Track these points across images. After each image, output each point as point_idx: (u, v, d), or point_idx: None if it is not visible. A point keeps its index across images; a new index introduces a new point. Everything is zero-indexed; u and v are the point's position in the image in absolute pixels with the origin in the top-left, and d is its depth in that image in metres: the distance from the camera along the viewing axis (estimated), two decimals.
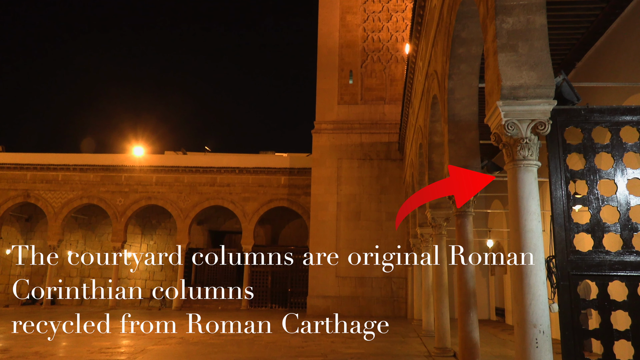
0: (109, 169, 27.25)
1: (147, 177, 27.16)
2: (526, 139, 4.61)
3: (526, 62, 4.71)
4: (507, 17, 4.81)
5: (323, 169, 23.34)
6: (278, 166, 26.75)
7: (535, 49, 4.74)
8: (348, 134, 23.44)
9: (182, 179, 27.02)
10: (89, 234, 30.52)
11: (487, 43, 5.12)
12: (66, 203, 27.06)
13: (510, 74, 4.68)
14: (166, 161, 27.70)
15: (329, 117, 23.76)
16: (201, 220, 30.60)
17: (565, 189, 4.71)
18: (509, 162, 4.74)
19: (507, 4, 4.81)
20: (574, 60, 11.12)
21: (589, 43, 10.50)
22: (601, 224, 4.66)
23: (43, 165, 27.34)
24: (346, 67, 23.96)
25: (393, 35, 23.96)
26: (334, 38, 24.12)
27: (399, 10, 24.05)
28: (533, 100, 4.60)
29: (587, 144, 4.83)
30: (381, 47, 23.93)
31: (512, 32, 4.79)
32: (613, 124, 4.82)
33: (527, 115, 4.62)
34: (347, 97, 23.79)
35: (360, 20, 24.14)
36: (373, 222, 22.82)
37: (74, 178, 27.31)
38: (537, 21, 4.78)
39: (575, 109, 4.83)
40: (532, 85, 4.62)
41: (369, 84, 23.81)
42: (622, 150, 4.79)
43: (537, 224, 4.53)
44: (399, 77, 23.68)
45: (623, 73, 9.37)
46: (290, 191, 26.51)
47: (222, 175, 26.89)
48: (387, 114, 23.53)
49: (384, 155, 23.23)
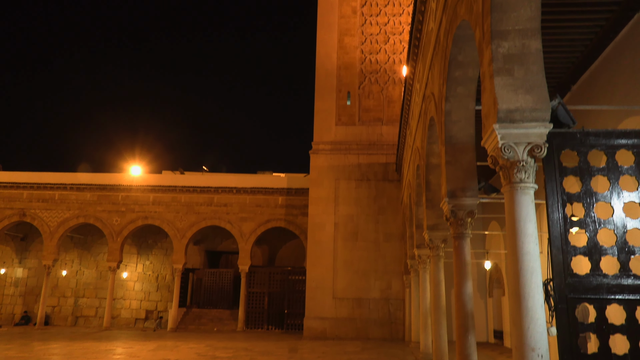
0: (106, 188, 27.20)
1: (144, 196, 27.11)
2: (523, 161, 4.63)
3: (522, 86, 4.76)
4: (502, 42, 4.87)
5: (321, 189, 23.35)
6: (275, 186, 26.76)
7: (531, 72, 4.80)
8: (346, 154, 23.52)
9: (179, 199, 26.97)
10: (85, 254, 30.31)
11: (484, 67, 5.18)
12: (62, 222, 26.93)
13: (507, 97, 4.73)
14: (163, 181, 27.68)
15: (326, 138, 23.87)
16: (198, 240, 30.45)
17: (562, 212, 4.72)
18: (505, 184, 4.75)
19: (502, 29, 4.89)
20: (570, 83, 11.25)
21: (583, 66, 10.64)
22: (598, 247, 4.66)
23: (40, 184, 27.29)
24: (344, 88, 24.17)
25: (390, 57, 24.23)
26: (332, 59, 24.38)
27: (397, 33, 24.38)
28: (529, 124, 4.64)
29: (583, 167, 4.85)
30: (379, 69, 24.18)
31: (508, 56, 4.85)
32: (608, 147, 4.85)
33: (523, 138, 4.65)
34: (344, 118, 23.94)
35: (358, 42, 24.43)
36: (370, 242, 22.74)
37: (70, 197, 27.23)
38: (532, 46, 4.85)
39: (571, 132, 4.87)
40: (528, 109, 4.67)
41: (367, 105, 23.99)
42: (618, 173, 4.81)
43: (534, 246, 4.52)
44: (396, 98, 23.88)
45: (618, 96, 9.48)
46: (288, 211, 26.47)
47: (219, 195, 26.86)
48: (384, 135, 23.65)
49: (381, 176, 23.27)
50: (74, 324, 28.81)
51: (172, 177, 28.60)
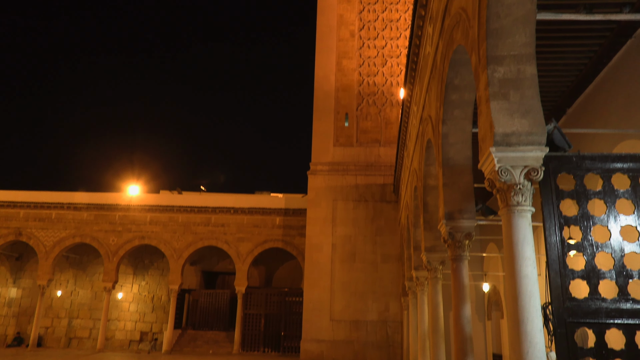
0: (103, 208, 27.12)
1: (141, 216, 27.02)
2: (519, 184, 4.66)
3: (518, 110, 4.82)
4: (498, 67, 4.95)
5: (318, 210, 23.33)
6: (273, 207, 26.73)
7: (527, 97, 4.86)
8: (343, 175, 23.57)
9: (177, 219, 26.89)
10: (80, 274, 30.05)
11: (480, 91, 5.25)
12: (58, 242, 26.77)
13: (503, 121, 4.78)
14: (161, 200, 27.64)
15: (324, 159, 23.95)
16: (194, 260, 30.26)
17: (560, 235, 4.73)
18: (503, 207, 4.77)
19: (498, 54, 4.97)
20: (565, 106, 11.37)
21: (578, 90, 10.77)
22: (596, 271, 4.66)
23: (37, 203, 27.21)
24: (342, 109, 24.35)
25: (388, 80, 24.48)
26: (331, 82, 24.62)
27: (394, 56, 24.68)
28: (525, 147, 4.68)
29: (580, 190, 4.88)
30: (376, 91, 24.41)
31: (503, 80, 4.92)
32: (604, 171, 4.89)
33: (520, 161, 4.69)
34: (342, 139, 24.06)
35: (356, 64, 24.71)
36: (368, 264, 22.63)
37: (67, 216, 27.13)
38: (527, 71, 4.92)
39: (567, 156, 4.91)
40: (524, 133, 4.71)
41: (365, 127, 24.15)
42: (614, 196, 4.84)
43: (532, 269, 4.52)
44: (393, 120, 24.05)
45: (612, 119, 9.58)
46: (285, 232, 26.39)
47: (217, 215, 26.80)
48: (382, 156, 23.75)
49: (379, 197, 23.28)
50: (67, 346, 28.40)
51: (170, 197, 28.56)
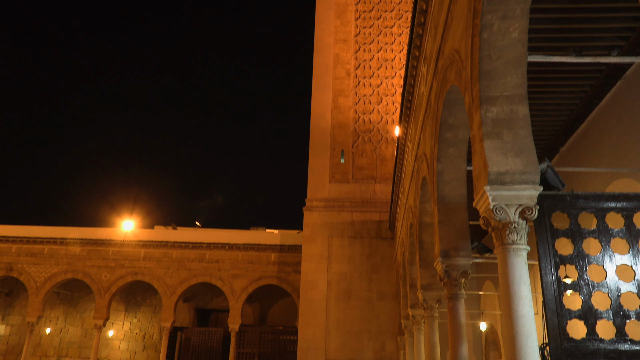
0: (97, 243, 26.87)
1: (135, 251, 26.75)
2: (514, 223, 4.68)
3: (511, 149, 4.89)
4: (491, 107, 5.05)
5: (314, 246, 23.18)
6: (268, 243, 26.56)
7: (520, 136, 4.94)
8: (339, 211, 23.55)
9: (171, 255, 26.63)
10: (70, 310, 29.48)
11: (473, 130, 5.34)
12: (50, 277, 26.36)
13: (497, 160, 4.84)
14: (155, 236, 27.43)
15: (320, 195, 23.98)
16: (188, 297, 29.79)
17: (556, 274, 4.72)
18: (498, 246, 4.78)
19: (491, 95, 5.07)
20: (558, 145, 11.53)
21: (571, 129, 10.95)
22: (593, 311, 4.62)
23: (29, 238, 26.94)
24: (338, 146, 24.56)
25: (383, 117, 24.82)
26: (327, 119, 24.92)
27: (389, 94, 25.10)
28: (519, 186, 4.73)
29: (575, 229, 4.90)
30: (372, 128, 24.70)
31: (496, 120, 5.01)
32: (598, 210, 4.93)
33: (514, 200, 4.73)
34: (338, 176, 24.16)
35: (351, 102, 25.09)
36: (364, 302, 22.33)
37: (59, 252, 26.82)
38: (520, 111, 5.02)
39: (561, 195, 4.95)
40: (517, 172, 4.77)
41: (360, 163, 24.30)
42: (609, 236, 4.86)
43: (529, 309, 4.49)
44: (389, 157, 24.25)
45: (605, 158, 9.70)
46: (280, 268, 26.13)
47: (211, 251, 26.57)
48: (377, 193, 23.80)
49: (374, 234, 23.21)
50: None
51: (165, 233, 28.37)
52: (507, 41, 4.99)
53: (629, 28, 7.89)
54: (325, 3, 26.37)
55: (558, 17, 7.72)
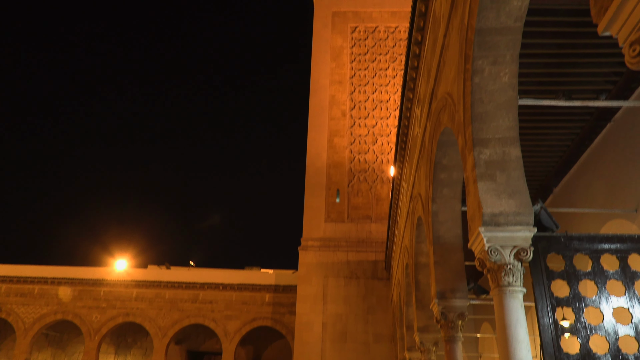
0: (88, 283, 26.44)
1: (127, 292, 26.31)
2: (510, 264, 4.67)
3: (505, 191, 4.94)
4: (484, 149, 5.13)
5: (309, 287, 22.89)
6: (263, 283, 26.22)
7: (513, 178, 5.00)
8: (335, 251, 23.39)
9: (164, 295, 26.19)
10: (59, 353, 28.69)
11: (467, 171, 5.40)
12: (39, 318, 25.78)
13: (490, 201, 4.88)
14: (148, 276, 27.05)
15: (315, 234, 23.87)
16: (180, 339, 29.11)
17: (552, 317, 4.67)
18: (494, 287, 4.75)
19: (483, 137, 5.16)
20: (551, 186, 11.63)
21: (563, 170, 11.07)
22: (591, 354, 4.56)
23: (19, 277, 26.49)
24: (333, 186, 24.64)
25: (379, 157, 25.03)
26: (322, 158, 25.10)
27: (384, 135, 25.40)
28: (514, 227, 4.75)
29: (570, 271, 4.89)
30: (367, 168, 24.86)
31: (489, 162, 5.08)
32: (593, 251, 4.93)
33: (509, 241, 4.74)
34: (334, 215, 24.13)
35: (347, 142, 25.34)
36: (360, 344, 21.87)
37: (50, 292, 26.35)
38: (512, 153, 5.10)
39: (555, 236, 4.97)
40: (511, 213, 4.80)
41: (356, 203, 24.33)
42: (604, 277, 4.84)
43: (527, 352, 4.42)
44: (384, 196, 24.30)
45: (598, 199, 9.77)
46: (275, 309, 25.69)
47: (205, 292, 26.16)
48: (373, 233, 23.72)
49: (370, 274, 22.98)
50: None
51: (158, 272, 27.99)
52: (498, 85, 5.12)
53: (617, 73, 8.11)
54: (321, 46, 27.04)
55: (547, 62, 7.94)
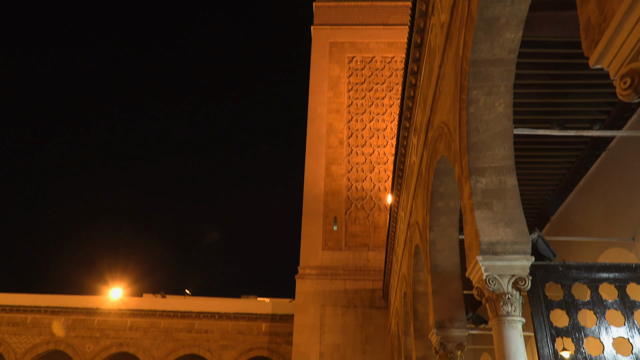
0: (82, 312, 26.05)
1: (121, 321, 25.91)
2: (508, 294, 4.65)
3: (502, 219, 4.95)
4: (480, 178, 5.16)
5: (306, 316, 22.60)
6: (259, 312, 25.89)
7: (509, 207, 5.02)
8: (332, 280, 23.19)
9: (159, 324, 25.80)
10: None
11: (464, 200, 5.42)
12: (30, 349, 25.30)
13: (488, 230, 4.89)
14: (143, 305, 26.69)
15: (313, 263, 23.71)
16: None
17: (552, 347, 4.63)
18: (493, 317, 4.72)
19: (479, 166, 5.21)
20: (548, 214, 11.65)
21: (560, 199, 11.11)
22: None
23: (12, 306, 26.10)
24: (331, 213, 24.61)
25: (376, 185, 25.08)
26: (320, 186, 25.14)
27: (381, 163, 25.53)
28: (511, 256, 4.75)
29: (569, 300, 4.87)
30: (364, 196, 24.88)
31: (486, 191, 5.11)
32: (591, 280, 4.92)
33: (507, 270, 4.73)
34: (331, 243, 24.02)
35: (344, 170, 25.44)
36: None
37: (43, 321, 25.92)
38: (508, 182, 5.13)
39: (553, 265, 4.96)
40: (509, 242, 4.80)
41: (353, 231, 24.26)
42: (603, 307, 4.82)
43: None
44: (382, 224, 24.25)
45: (595, 227, 9.78)
46: (271, 339, 25.29)
47: (200, 321, 25.79)
48: (371, 261, 23.58)
49: (368, 303, 22.73)
50: None
51: (153, 301, 27.62)
52: (493, 115, 5.19)
53: (610, 103, 8.24)
54: (319, 75, 27.42)
55: (541, 92, 8.07)
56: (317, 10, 29.17)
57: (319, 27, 28.60)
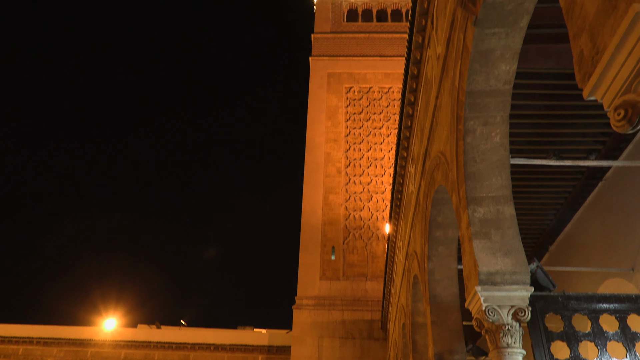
0: (75, 343, 25.56)
1: (114, 353, 25.41)
2: (508, 325, 4.59)
3: (500, 249, 4.93)
4: (478, 207, 5.16)
5: (303, 347, 22.21)
6: (256, 343, 25.45)
7: (507, 236, 5.01)
8: (330, 310, 22.89)
9: (153, 356, 25.30)
10: None
11: (462, 230, 5.41)
12: None
13: (486, 260, 4.86)
14: (138, 336, 26.23)
15: (310, 293, 23.44)
16: None
17: None
18: (493, 349, 4.64)
19: (477, 196, 5.21)
20: (547, 244, 11.61)
21: (558, 228, 11.09)
22: None
23: (3, 337, 25.62)
24: (328, 243, 24.48)
25: (374, 214, 25.04)
26: (317, 215, 25.08)
27: (379, 192, 25.55)
28: (510, 287, 4.71)
29: (569, 331, 4.81)
30: (362, 225, 24.81)
31: (484, 220, 5.10)
32: (591, 311, 4.87)
33: (506, 301, 4.68)
34: (329, 273, 23.82)
35: (342, 199, 25.43)
36: None
37: (35, 352, 25.40)
38: (506, 211, 5.13)
39: (553, 296, 4.92)
40: (508, 272, 4.77)
41: (351, 260, 24.09)
42: (604, 339, 4.76)
43: None
44: (380, 254, 24.10)
45: (594, 257, 9.73)
46: None
47: (196, 352, 25.31)
48: (369, 291, 23.34)
49: (366, 334, 22.38)
50: None
51: (148, 332, 27.16)
52: (490, 145, 5.23)
53: (605, 133, 8.32)
54: (317, 105, 27.71)
55: (537, 122, 8.15)
56: (315, 41, 29.70)
57: (317, 58, 29.07)
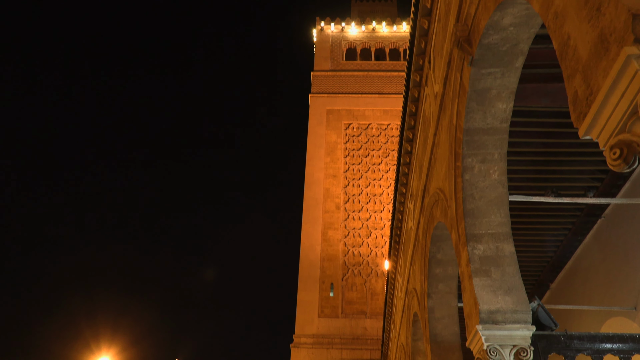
0: None
1: None
2: None
3: (501, 287, 4.89)
4: (477, 244, 5.15)
5: None
6: None
7: (508, 274, 4.98)
8: (328, 349, 22.42)
9: None
10: None
11: (462, 267, 5.38)
12: None
13: (487, 298, 4.82)
14: None
15: (308, 331, 23.02)
16: None
17: None
18: None
19: (476, 233, 5.21)
20: (547, 281, 11.51)
21: (559, 265, 11.02)
22: None
23: None
24: (327, 279, 24.21)
25: (373, 251, 24.87)
26: (316, 251, 24.91)
27: (378, 228, 25.46)
28: (512, 325, 4.64)
29: None
30: (361, 261, 24.60)
31: (483, 258, 5.08)
32: (594, 351, 4.79)
33: (508, 340, 4.61)
34: (327, 310, 23.45)
35: (341, 235, 25.31)
36: None
37: None
38: (506, 249, 5.12)
39: (555, 335, 4.84)
40: (509, 310, 4.72)
41: (350, 297, 23.77)
42: None
43: None
44: (379, 290, 23.81)
45: (596, 295, 9.62)
46: None
47: None
48: (368, 329, 22.93)
49: None
50: None
51: None
52: (488, 182, 5.27)
53: (603, 170, 8.38)
54: (316, 141, 27.95)
55: (535, 159, 8.22)
56: (314, 79, 30.21)
57: (316, 95, 29.51)
